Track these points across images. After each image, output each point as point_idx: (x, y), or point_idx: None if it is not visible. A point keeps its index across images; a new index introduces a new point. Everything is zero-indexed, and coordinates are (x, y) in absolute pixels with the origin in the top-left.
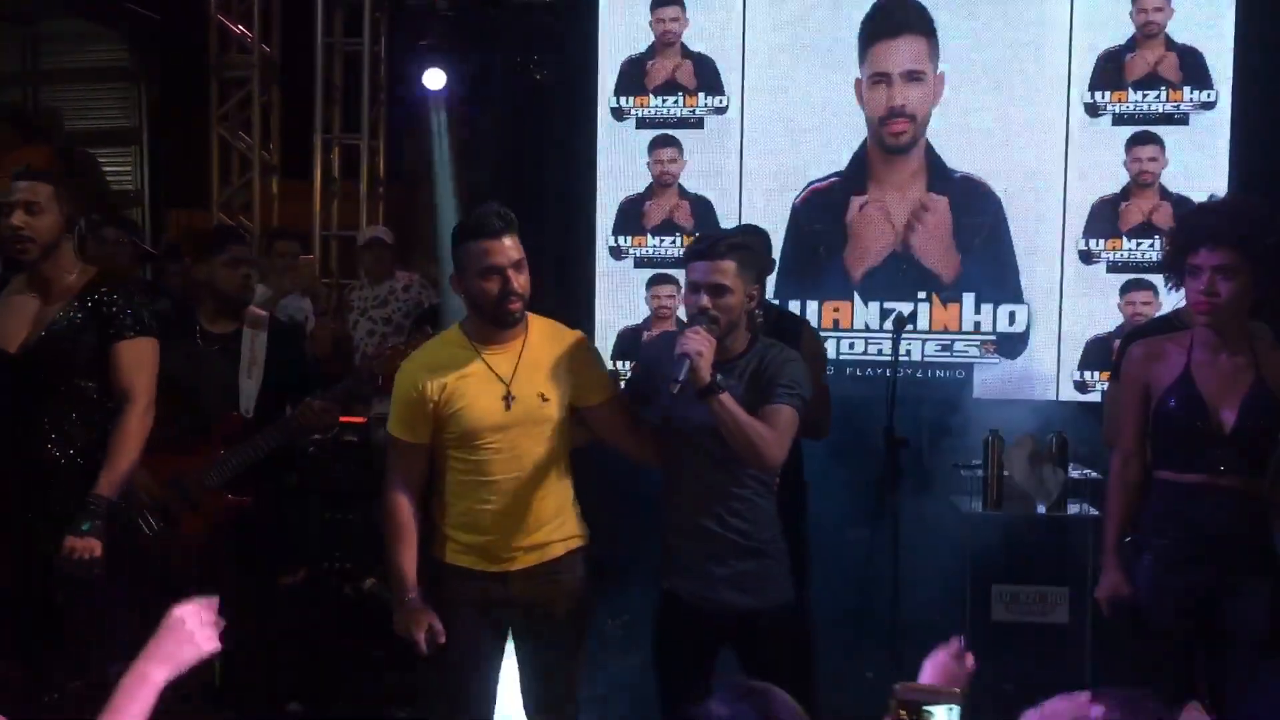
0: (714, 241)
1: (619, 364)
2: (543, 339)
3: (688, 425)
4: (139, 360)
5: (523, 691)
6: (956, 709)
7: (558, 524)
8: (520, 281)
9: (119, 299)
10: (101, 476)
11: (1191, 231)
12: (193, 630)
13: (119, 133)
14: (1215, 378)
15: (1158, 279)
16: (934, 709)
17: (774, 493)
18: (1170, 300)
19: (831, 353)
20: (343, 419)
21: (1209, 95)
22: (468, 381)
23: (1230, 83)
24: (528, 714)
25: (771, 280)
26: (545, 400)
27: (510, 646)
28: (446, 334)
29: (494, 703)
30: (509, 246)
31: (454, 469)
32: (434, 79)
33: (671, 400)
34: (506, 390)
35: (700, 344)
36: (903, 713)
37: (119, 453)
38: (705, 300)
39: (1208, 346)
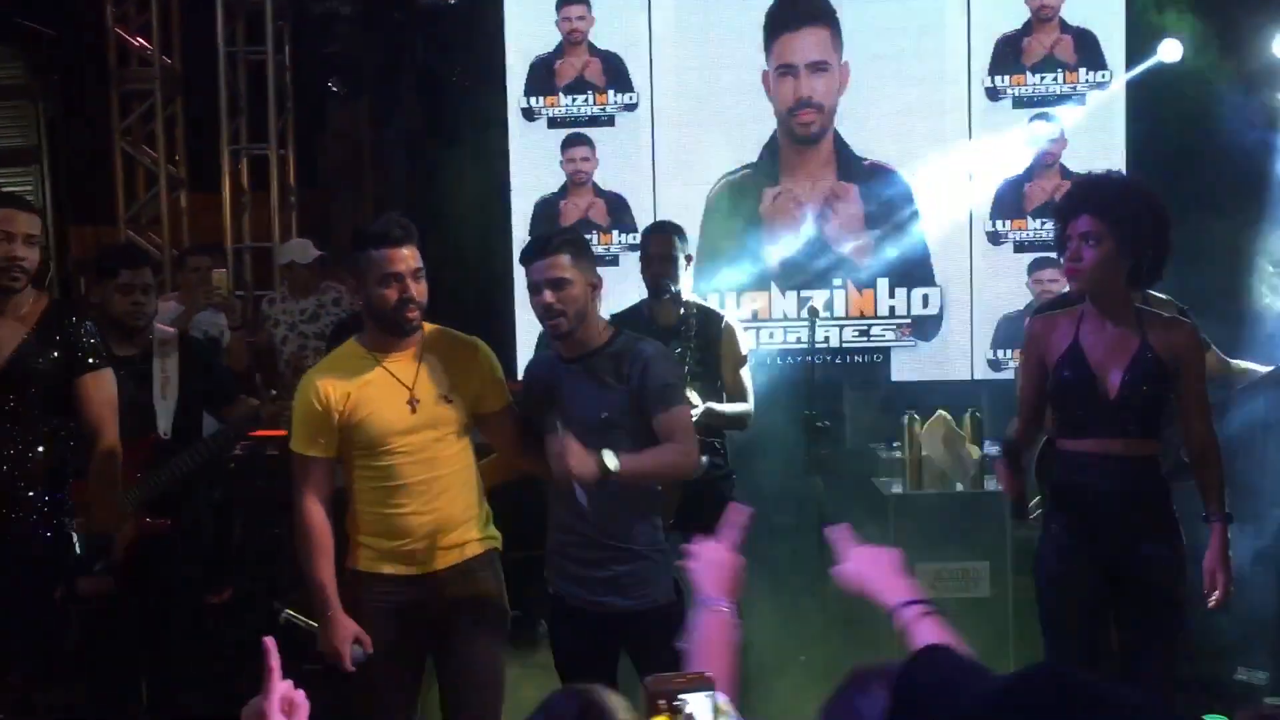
0: (546, 239)
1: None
2: (440, 345)
3: (574, 431)
4: (106, 391)
5: (444, 692)
6: (714, 695)
7: (472, 523)
8: (418, 289)
9: (85, 330)
10: (97, 512)
11: (1068, 201)
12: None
13: (17, 152)
14: (1102, 346)
15: None
16: (689, 697)
17: (656, 491)
18: None
19: (752, 343)
20: (264, 433)
21: (1103, 76)
22: (371, 389)
23: (1123, 63)
24: (453, 717)
25: (689, 274)
26: (449, 401)
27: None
28: (343, 348)
29: (415, 710)
30: (408, 255)
31: (364, 477)
32: (340, 84)
33: (555, 406)
34: (410, 394)
35: (566, 462)
36: (660, 703)
37: (107, 485)
38: (549, 296)
39: (1095, 317)
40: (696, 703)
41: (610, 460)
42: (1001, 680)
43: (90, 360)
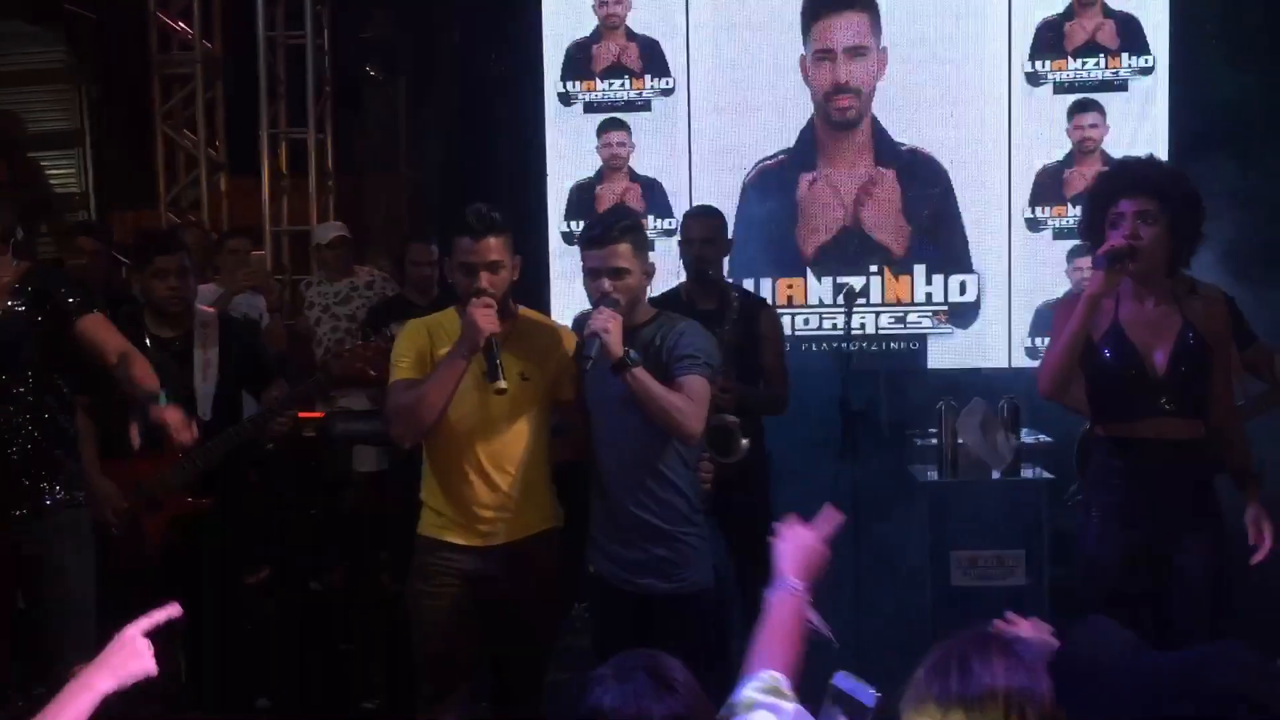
0: (607, 226)
1: None
2: (530, 329)
3: (608, 406)
4: (103, 328)
5: (495, 664)
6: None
7: (534, 503)
8: (490, 280)
9: (62, 289)
10: (135, 373)
11: (1113, 183)
12: (141, 649)
13: (61, 135)
14: (1144, 326)
15: None
16: None
17: (694, 473)
18: None
19: (787, 329)
20: (301, 414)
21: (1147, 61)
22: None
23: (1167, 48)
24: (493, 695)
25: (726, 260)
26: (526, 380)
27: None
28: (449, 311)
29: (475, 679)
30: (488, 248)
31: (437, 445)
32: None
33: (592, 382)
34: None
35: (607, 321)
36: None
37: (134, 354)
38: (607, 284)
39: (1134, 297)
40: None
41: (633, 355)
42: (1174, 655)
43: (74, 312)
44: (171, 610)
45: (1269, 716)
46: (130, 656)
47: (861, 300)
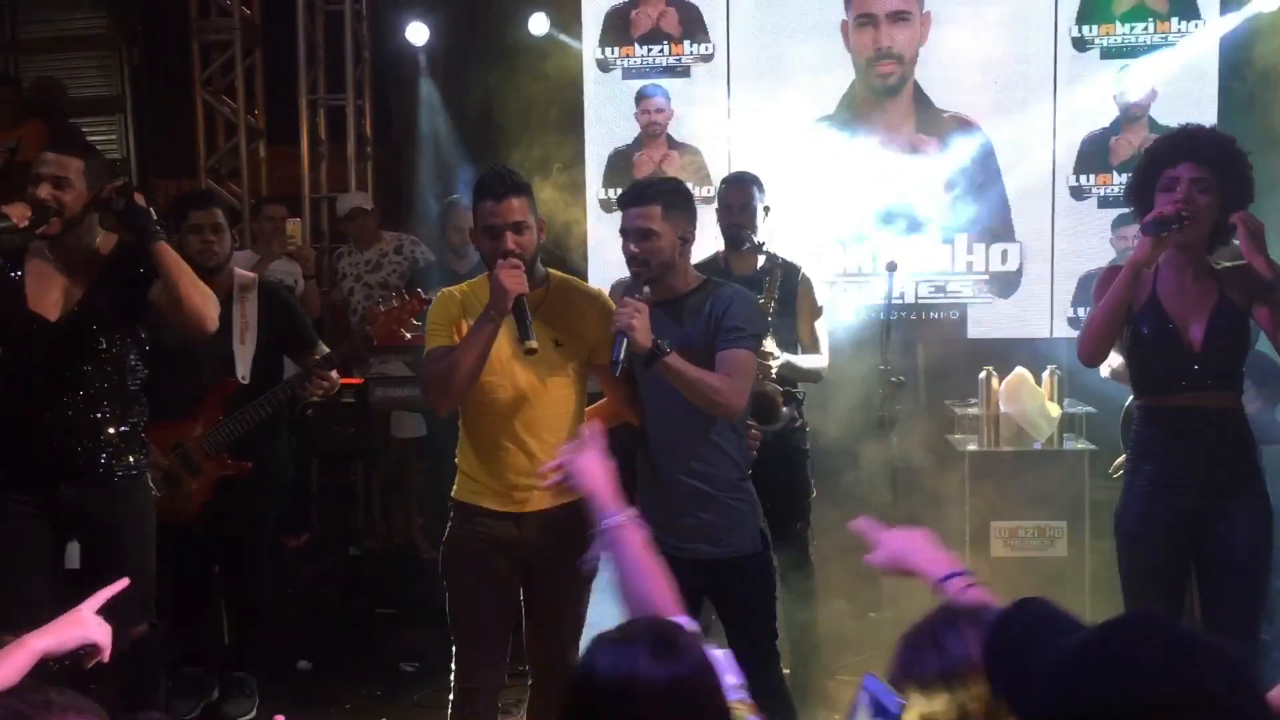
0: (644, 187)
1: None
2: (564, 293)
3: (653, 380)
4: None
5: (527, 637)
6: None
7: None
8: (517, 241)
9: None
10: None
11: (1171, 147)
12: (87, 619)
13: (102, 101)
14: (1181, 298)
15: None
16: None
17: (742, 439)
18: None
19: (825, 297)
20: (341, 380)
21: (1196, 25)
22: None
23: (1217, 12)
24: (531, 660)
25: (765, 227)
26: (559, 346)
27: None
28: (480, 278)
29: (509, 644)
30: (511, 209)
31: (472, 412)
32: (417, 33)
33: (640, 363)
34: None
35: (629, 316)
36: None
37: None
38: (633, 246)
39: (1173, 269)
40: None
41: (664, 344)
42: (1095, 628)
43: (155, 237)
44: (118, 586)
45: (1195, 692)
46: (74, 625)
47: (902, 269)
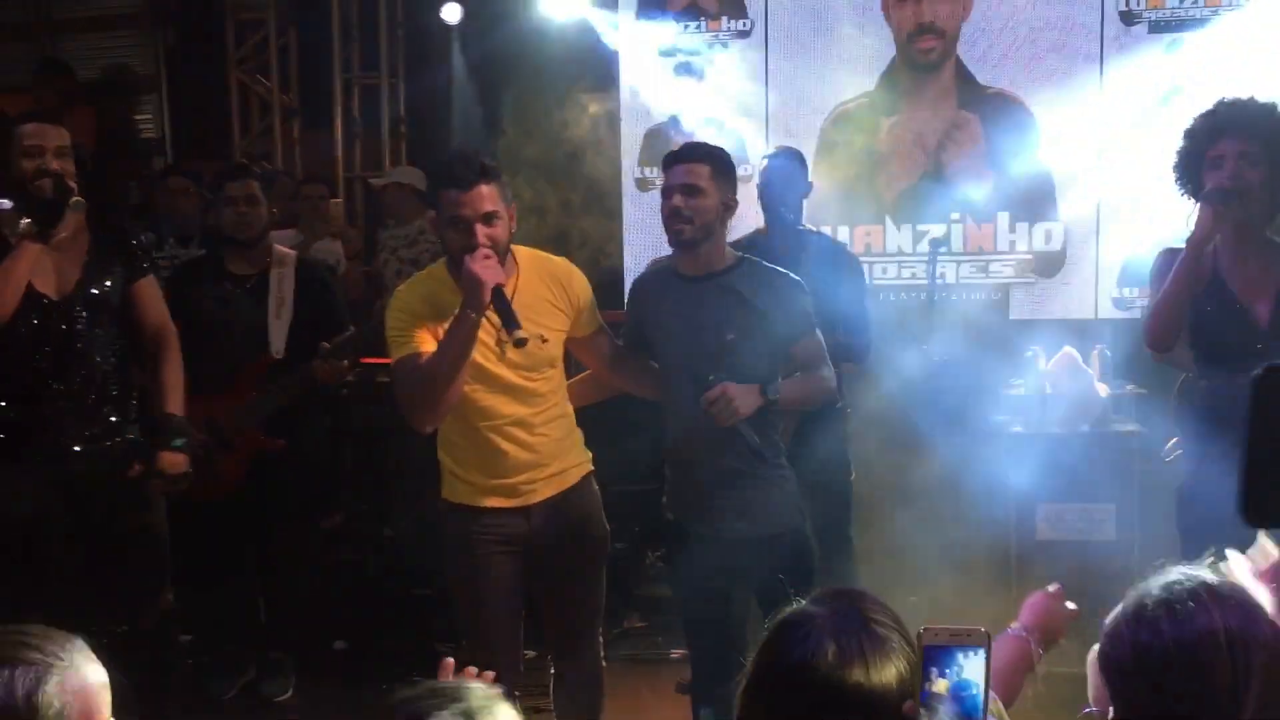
0: (694, 146)
1: None
2: (532, 276)
3: (673, 375)
4: (157, 295)
5: (545, 626)
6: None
7: (568, 451)
8: (486, 233)
9: (136, 243)
10: (168, 400)
11: (1212, 123)
12: None
13: (138, 80)
14: (1244, 277)
15: None
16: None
17: (778, 415)
18: None
19: (865, 277)
20: (374, 360)
21: None
22: None
23: None
24: (552, 648)
25: (805, 205)
26: (545, 341)
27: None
28: (435, 271)
29: (521, 638)
30: (480, 198)
31: (460, 416)
32: (451, 13)
33: (657, 347)
34: (498, 336)
35: (740, 405)
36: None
37: (177, 380)
38: (678, 200)
39: (1232, 247)
40: (970, 666)
41: (771, 390)
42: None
43: (141, 267)
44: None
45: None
46: None
47: (943, 249)
